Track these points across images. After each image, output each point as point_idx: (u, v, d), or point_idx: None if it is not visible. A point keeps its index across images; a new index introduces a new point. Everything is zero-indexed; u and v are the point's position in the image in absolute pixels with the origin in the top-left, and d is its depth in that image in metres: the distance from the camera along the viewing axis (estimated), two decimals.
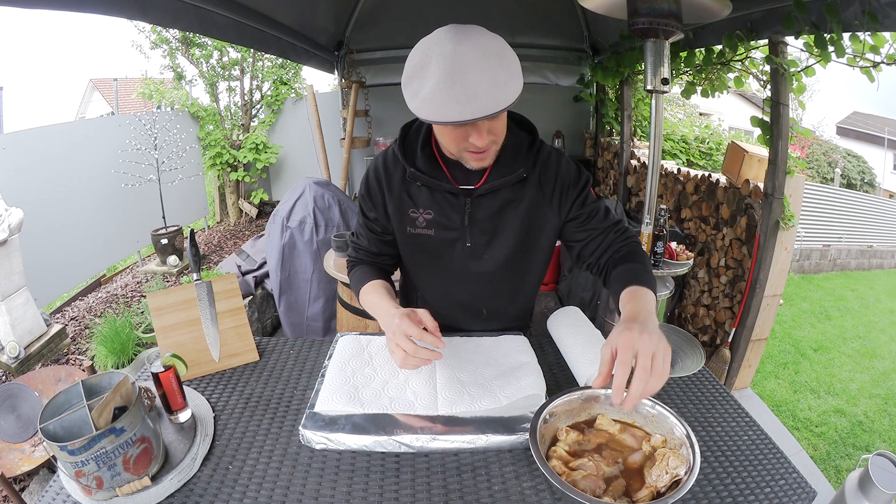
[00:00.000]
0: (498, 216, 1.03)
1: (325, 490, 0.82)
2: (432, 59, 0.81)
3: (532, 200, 1.03)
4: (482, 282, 1.10)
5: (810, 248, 6.49)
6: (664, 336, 0.79)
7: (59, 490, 0.82)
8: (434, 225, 1.04)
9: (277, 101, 5.30)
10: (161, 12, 1.88)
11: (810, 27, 1.77)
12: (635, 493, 0.76)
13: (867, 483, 0.72)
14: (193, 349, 1.14)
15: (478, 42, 0.80)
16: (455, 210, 1.02)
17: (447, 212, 1.02)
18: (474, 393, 0.99)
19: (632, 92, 3.89)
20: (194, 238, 1.18)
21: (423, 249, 1.08)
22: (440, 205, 1.02)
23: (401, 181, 1.04)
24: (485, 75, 0.78)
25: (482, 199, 1.01)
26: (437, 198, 1.02)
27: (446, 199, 1.02)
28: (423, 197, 1.03)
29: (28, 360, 2.38)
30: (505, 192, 1.01)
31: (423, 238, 1.06)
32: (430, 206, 1.03)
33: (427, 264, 1.11)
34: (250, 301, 3.03)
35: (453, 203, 1.02)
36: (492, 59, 0.79)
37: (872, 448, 2.73)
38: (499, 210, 1.02)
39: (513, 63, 0.82)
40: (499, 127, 0.90)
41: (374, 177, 1.07)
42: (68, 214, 3.22)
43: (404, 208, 1.04)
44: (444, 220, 1.03)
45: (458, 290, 1.13)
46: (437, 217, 1.03)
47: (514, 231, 1.04)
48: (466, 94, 0.77)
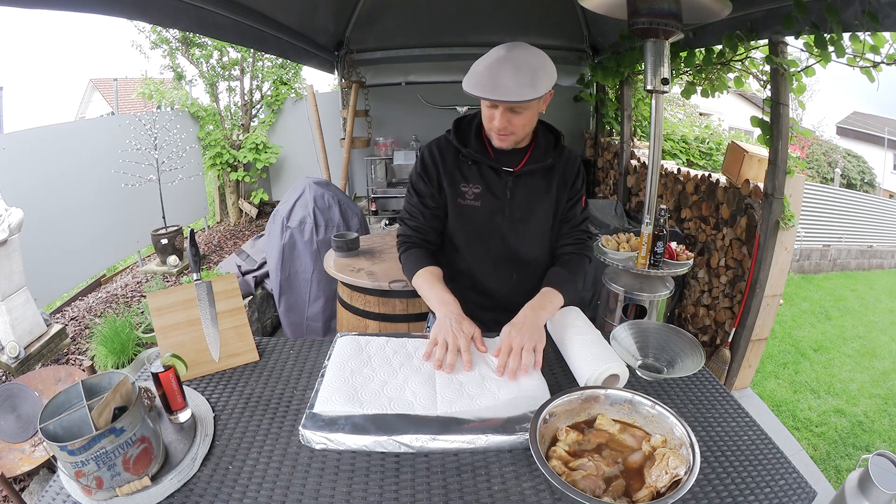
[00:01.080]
0: (533, 194, 1.27)
1: (325, 490, 0.82)
2: (489, 56, 1.09)
3: (557, 186, 1.28)
4: (515, 248, 1.31)
5: (810, 248, 6.48)
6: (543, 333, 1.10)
7: (59, 490, 0.82)
8: (481, 198, 1.26)
9: (277, 101, 5.30)
10: (161, 12, 1.88)
11: (810, 27, 1.77)
12: (635, 493, 0.76)
13: (867, 483, 0.72)
14: (193, 349, 1.14)
15: (522, 55, 1.08)
16: (499, 186, 1.26)
17: (492, 186, 1.26)
18: (473, 393, 0.99)
19: (632, 92, 3.89)
20: (194, 238, 1.18)
21: (470, 219, 1.29)
22: (487, 181, 1.26)
23: (454, 161, 1.27)
24: (513, 77, 1.05)
25: (520, 179, 1.26)
26: (484, 175, 1.26)
27: (492, 176, 1.26)
28: (473, 174, 1.26)
29: (28, 360, 2.38)
30: (538, 175, 1.26)
31: (471, 209, 1.28)
32: (478, 181, 1.26)
33: (472, 232, 1.31)
34: (250, 301, 3.03)
35: (497, 180, 1.26)
36: (524, 69, 1.06)
37: (872, 448, 2.73)
38: (533, 189, 1.27)
39: (542, 79, 1.07)
40: (518, 122, 1.15)
41: (430, 158, 1.29)
42: (68, 214, 3.22)
43: (457, 183, 1.27)
44: (490, 194, 1.26)
45: (496, 253, 1.32)
46: (484, 191, 1.26)
47: (543, 208, 1.29)
48: (494, 83, 1.06)
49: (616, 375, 1.05)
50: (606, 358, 1.05)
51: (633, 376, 1.10)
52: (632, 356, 1.13)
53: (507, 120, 1.14)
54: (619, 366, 1.04)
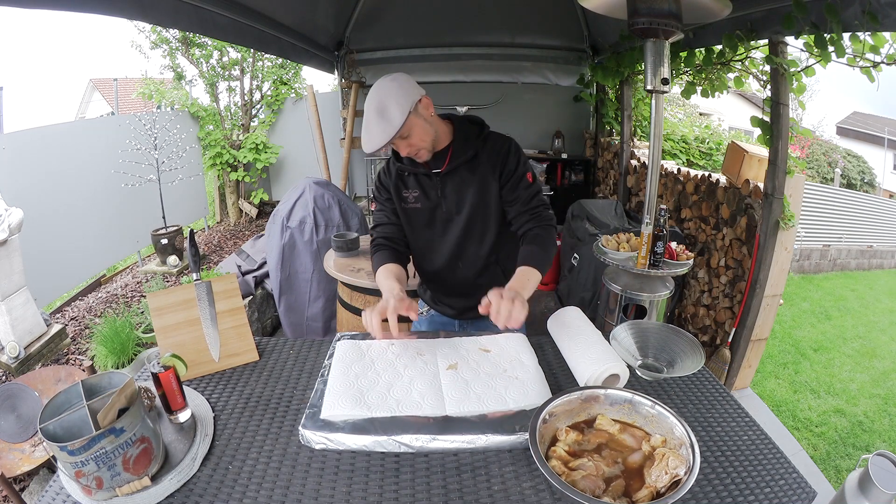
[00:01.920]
0: (460, 188, 1.38)
1: (325, 490, 0.82)
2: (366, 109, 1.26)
3: (483, 174, 1.37)
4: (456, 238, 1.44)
5: (810, 248, 6.48)
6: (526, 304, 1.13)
7: (59, 490, 0.82)
8: (420, 199, 1.42)
9: (277, 101, 5.30)
10: (161, 12, 1.88)
11: (810, 27, 1.77)
12: (635, 494, 0.76)
13: (867, 483, 0.72)
14: (193, 349, 1.14)
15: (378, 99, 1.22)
16: (432, 187, 1.40)
17: (427, 189, 1.40)
18: (480, 393, 0.99)
19: (632, 92, 3.89)
20: (194, 238, 1.18)
21: (414, 219, 1.45)
22: (422, 185, 1.41)
23: (397, 173, 1.44)
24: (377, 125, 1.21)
25: (448, 177, 1.37)
26: (420, 181, 1.41)
27: (426, 180, 1.40)
28: (412, 181, 1.42)
29: (28, 360, 2.38)
30: (463, 170, 1.37)
31: (413, 210, 1.44)
32: (415, 187, 1.41)
33: (419, 229, 1.47)
34: (250, 301, 3.03)
35: (430, 182, 1.39)
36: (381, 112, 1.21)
37: (872, 448, 2.73)
38: (460, 183, 1.38)
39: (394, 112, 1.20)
40: (414, 141, 1.27)
41: (384, 174, 1.48)
42: (68, 214, 3.22)
43: (400, 190, 1.44)
44: (425, 195, 1.41)
45: (442, 246, 1.46)
46: (421, 194, 1.41)
47: (472, 197, 1.38)
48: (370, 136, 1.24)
49: (616, 375, 1.05)
50: (607, 358, 1.06)
51: (633, 376, 1.10)
52: (632, 356, 1.13)
53: (406, 146, 1.27)
54: (620, 366, 1.04)
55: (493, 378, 1.04)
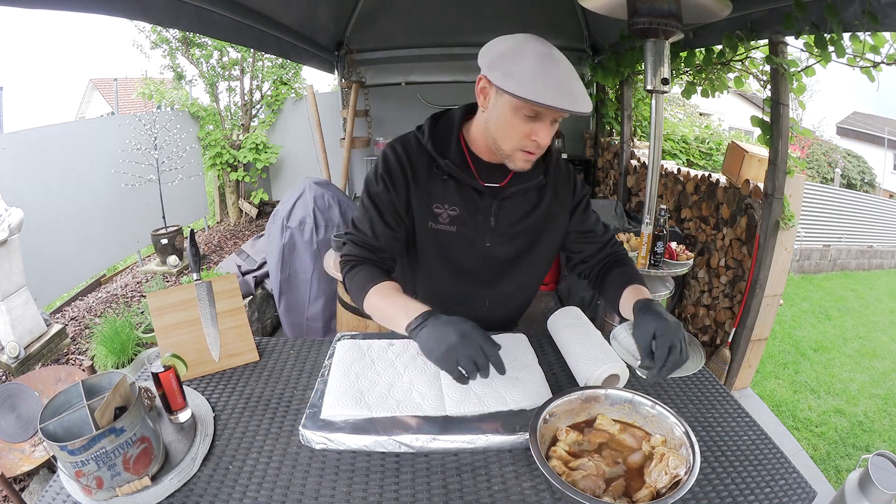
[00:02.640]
0: (520, 217, 1.04)
1: (325, 490, 0.82)
2: (528, 50, 0.86)
3: (549, 205, 1.07)
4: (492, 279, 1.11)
5: (810, 248, 6.48)
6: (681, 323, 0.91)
7: (59, 490, 0.82)
8: (458, 222, 1.02)
9: (277, 101, 5.30)
10: (161, 12, 1.88)
11: (810, 27, 1.77)
12: (635, 494, 0.76)
13: (867, 483, 0.72)
14: (193, 349, 1.14)
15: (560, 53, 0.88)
16: (481, 209, 1.01)
17: (473, 210, 1.01)
18: (480, 393, 0.99)
19: (632, 92, 3.89)
20: (194, 238, 1.18)
21: (441, 246, 1.05)
22: (466, 202, 1.00)
23: (426, 172, 1.00)
24: (576, 78, 0.87)
25: (507, 201, 1.03)
26: (464, 194, 1.00)
27: (473, 196, 1.01)
28: (450, 192, 1.00)
29: (28, 360, 2.38)
30: (530, 195, 1.05)
31: (445, 235, 1.03)
32: (456, 202, 1.00)
33: (443, 260, 1.07)
34: (250, 301, 3.03)
35: (478, 202, 1.01)
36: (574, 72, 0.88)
37: (872, 448, 2.73)
38: (521, 212, 1.04)
39: None
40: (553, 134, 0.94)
41: (398, 165, 1.00)
42: (68, 214, 3.22)
43: (429, 202, 1.01)
44: (469, 219, 1.02)
45: (467, 284, 1.11)
46: (463, 214, 1.01)
47: (533, 231, 1.07)
48: (563, 85, 0.84)
49: (616, 375, 1.05)
50: (607, 358, 1.05)
51: (633, 376, 1.10)
52: (632, 356, 1.13)
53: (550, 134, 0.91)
54: (619, 366, 1.04)
55: (493, 378, 1.04)
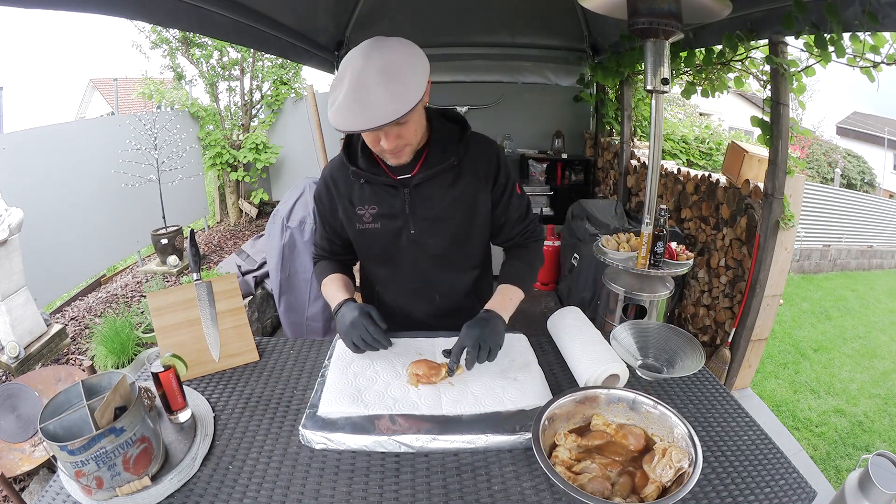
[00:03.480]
0: (436, 202, 1.10)
1: (325, 490, 0.82)
2: (346, 73, 0.91)
3: (468, 184, 1.11)
4: (430, 266, 1.18)
5: (810, 248, 6.48)
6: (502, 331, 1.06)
7: (59, 490, 0.82)
8: (379, 218, 1.12)
9: (277, 101, 5.30)
10: (161, 12, 1.88)
11: (810, 27, 1.77)
12: (642, 490, 0.76)
13: (867, 483, 0.72)
14: (193, 349, 1.14)
15: (385, 57, 0.89)
16: (396, 201, 1.10)
17: (389, 203, 1.10)
18: (478, 393, 0.99)
19: (632, 92, 3.89)
20: (194, 238, 1.18)
21: (372, 243, 1.16)
22: (382, 198, 1.10)
23: (346, 183, 1.13)
24: (382, 90, 0.86)
25: (420, 188, 1.09)
26: (379, 193, 1.10)
27: (387, 192, 1.10)
28: (367, 194, 1.11)
29: (28, 360, 2.38)
30: (441, 179, 1.09)
31: (372, 231, 1.14)
32: (373, 201, 1.11)
33: (379, 256, 1.20)
34: (250, 301, 3.03)
35: (393, 195, 1.10)
36: (392, 74, 0.87)
37: (872, 448, 2.73)
38: (436, 197, 1.10)
39: (414, 76, 0.89)
40: (408, 131, 0.98)
41: (324, 184, 1.17)
42: (68, 214, 3.22)
43: (352, 207, 1.13)
44: (388, 212, 1.11)
45: (410, 277, 1.20)
46: (381, 210, 1.11)
47: (453, 214, 1.12)
48: (364, 106, 0.87)
49: (616, 375, 1.05)
50: (606, 358, 1.06)
51: (633, 376, 1.10)
52: (632, 356, 1.13)
53: (395, 137, 0.95)
54: (619, 366, 1.04)
55: (492, 378, 1.04)
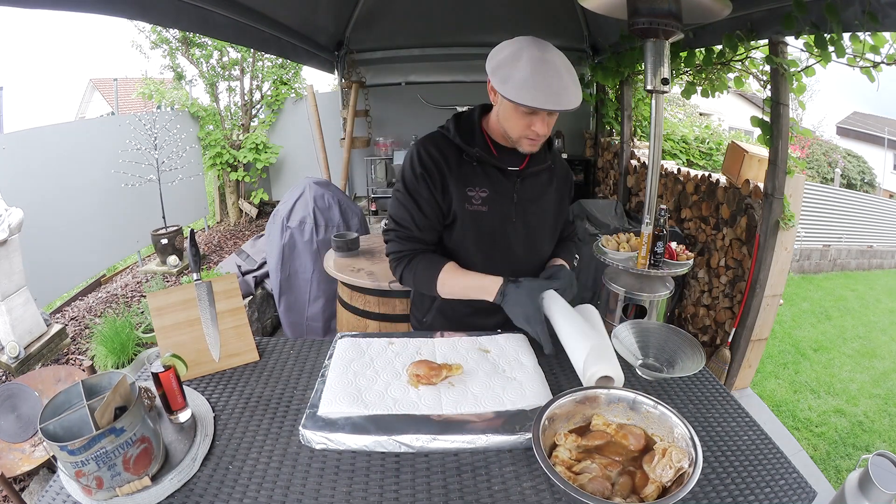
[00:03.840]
0: (538, 195, 1.22)
1: (325, 490, 0.82)
2: (523, 56, 1.00)
3: (557, 186, 1.26)
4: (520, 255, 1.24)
5: (810, 248, 6.48)
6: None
7: (59, 490, 0.82)
8: (489, 202, 1.16)
9: (277, 101, 5.30)
10: (161, 12, 1.88)
11: (810, 27, 1.77)
12: (642, 490, 0.76)
13: (867, 483, 0.72)
14: (193, 349, 1.14)
15: (556, 53, 1.02)
16: (507, 188, 1.17)
17: (500, 189, 1.17)
18: (477, 393, 0.99)
19: (632, 92, 3.89)
20: (194, 238, 1.18)
21: (476, 226, 1.18)
22: (494, 183, 1.16)
23: (457, 162, 1.15)
24: (567, 78, 1.00)
25: (527, 181, 1.19)
26: (491, 176, 1.16)
27: (498, 177, 1.16)
28: (479, 176, 1.16)
29: (28, 360, 2.38)
30: (541, 176, 1.22)
31: (478, 214, 1.17)
32: (485, 184, 1.16)
33: (477, 241, 1.20)
34: (250, 301, 3.03)
35: (504, 182, 1.17)
36: (570, 68, 1.02)
37: (872, 448, 2.73)
38: (539, 191, 1.22)
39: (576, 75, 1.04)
40: (552, 124, 1.10)
41: (431, 160, 1.14)
42: (68, 214, 3.22)
43: (463, 186, 1.15)
44: (497, 197, 1.17)
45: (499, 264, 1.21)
46: (492, 194, 1.16)
47: (548, 209, 1.25)
48: (554, 88, 0.98)
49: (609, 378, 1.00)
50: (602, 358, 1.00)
51: (633, 376, 1.10)
52: (633, 355, 1.13)
53: (550, 125, 1.08)
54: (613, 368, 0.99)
55: (492, 378, 1.04)
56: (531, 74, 0.97)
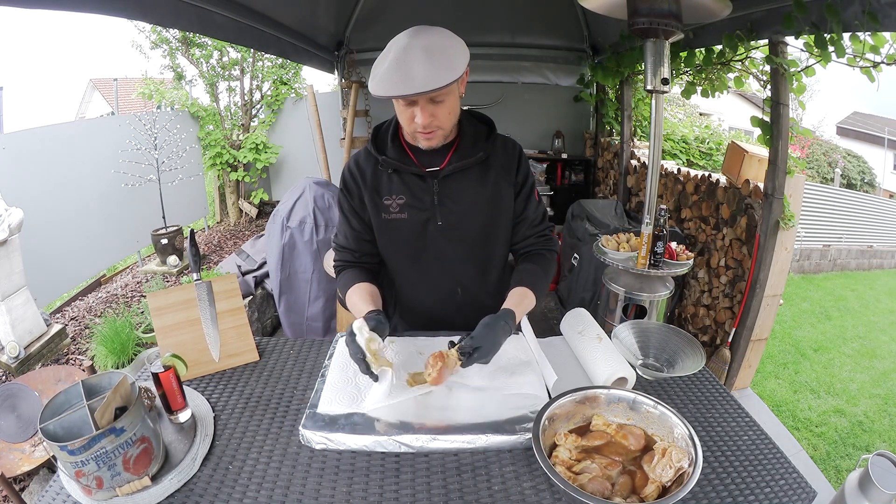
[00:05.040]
0: (465, 195, 1.13)
1: (325, 490, 0.82)
2: (391, 50, 0.97)
3: (495, 180, 1.14)
4: (455, 260, 1.19)
5: (810, 248, 6.48)
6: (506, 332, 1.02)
7: (59, 490, 0.82)
8: (407, 208, 1.13)
9: (277, 101, 5.30)
10: (161, 12, 1.88)
11: (810, 27, 1.77)
12: (642, 490, 0.76)
13: (867, 483, 0.72)
14: (193, 349, 1.14)
15: (429, 39, 0.95)
16: (424, 192, 1.12)
17: (417, 194, 1.12)
18: (477, 393, 0.99)
19: (632, 92, 3.89)
20: (194, 238, 1.18)
21: (398, 234, 1.16)
22: (410, 188, 1.12)
23: (373, 173, 1.14)
24: (424, 64, 0.92)
25: (448, 180, 1.12)
26: (407, 182, 1.12)
27: (415, 182, 1.12)
28: (395, 184, 1.13)
29: (28, 360, 2.38)
30: (470, 173, 1.12)
31: (398, 222, 1.14)
32: (401, 191, 1.12)
33: (403, 248, 1.18)
34: (250, 301, 3.03)
35: (422, 186, 1.12)
36: (435, 53, 0.94)
37: (872, 448, 2.73)
38: (465, 190, 1.13)
39: (455, 58, 0.96)
40: (442, 111, 1.01)
41: (349, 174, 1.16)
42: (68, 215, 3.22)
43: (378, 197, 1.14)
44: (416, 202, 1.12)
45: (434, 271, 1.20)
46: (409, 200, 1.12)
47: (480, 208, 1.14)
48: (405, 76, 0.92)
49: (624, 379, 1.06)
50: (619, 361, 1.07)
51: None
52: (633, 355, 1.13)
53: (429, 114, 1.00)
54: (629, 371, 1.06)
55: (492, 379, 1.04)
56: (389, 64, 0.94)
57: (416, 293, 1.24)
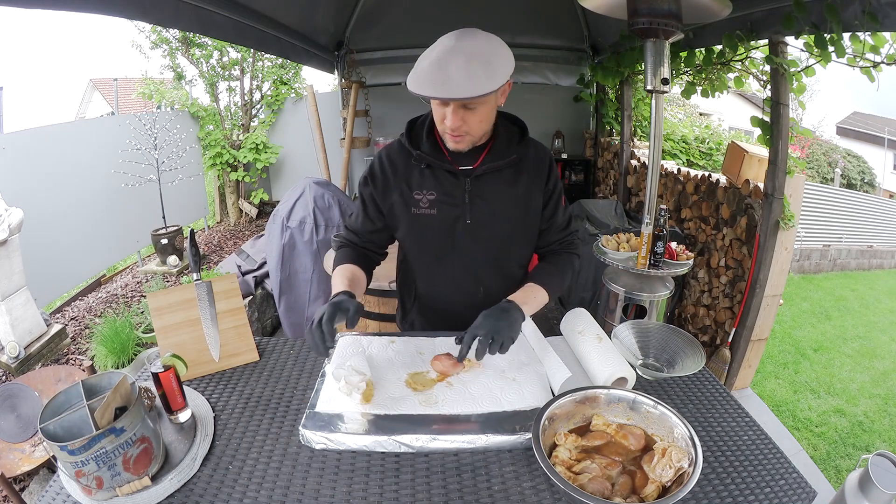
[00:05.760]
0: (496, 195, 1.13)
1: (325, 490, 0.82)
2: (436, 48, 0.96)
3: (526, 182, 1.15)
4: (480, 259, 1.19)
5: (810, 248, 6.48)
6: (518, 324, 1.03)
7: (59, 490, 0.82)
8: (437, 204, 1.13)
9: (277, 101, 5.30)
10: (161, 12, 1.88)
11: (810, 27, 1.77)
12: (642, 490, 0.76)
13: (867, 483, 0.72)
14: (193, 349, 1.14)
15: (475, 44, 0.95)
16: (456, 189, 1.12)
17: (449, 190, 1.12)
18: (476, 394, 0.99)
19: (632, 92, 3.89)
20: (194, 238, 1.18)
21: (426, 230, 1.15)
22: (442, 185, 1.12)
23: (405, 167, 1.14)
24: (464, 70, 0.92)
25: (481, 180, 1.12)
26: (439, 178, 1.12)
27: (448, 179, 1.12)
28: (427, 179, 1.13)
29: (28, 360, 2.38)
30: (502, 174, 1.13)
31: (426, 218, 1.14)
32: (433, 187, 1.12)
33: (429, 245, 1.18)
34: (250, 301, 3.03)
35: (454, 183, 1.12)
36: (477, 60, 0.93)
37: (872, 448, 2.73)
38: (496, 190, 1.13)
39: (498, 68, 0.95)
40: (473, 119, 1.01)
41: (379, 165, 1.17)
42: (68, 214, 3.22)
43: (409, 191, 1.14)
44: (447, 199, 1.12)
45: (457, 269, 1.20)
46: (440, 196, 1.13)
47: (510, 210, 1.15)
48: (442, 78, 0.92)
49: (624, 379, 1.05)
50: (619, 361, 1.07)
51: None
52: (633, 355, 1.13)
53: (460, 119, 1.00)
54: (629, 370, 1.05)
55: (491, 379, 1.04)
56: (429, 63, 0.94)
57: (437, 291, 1.24)
